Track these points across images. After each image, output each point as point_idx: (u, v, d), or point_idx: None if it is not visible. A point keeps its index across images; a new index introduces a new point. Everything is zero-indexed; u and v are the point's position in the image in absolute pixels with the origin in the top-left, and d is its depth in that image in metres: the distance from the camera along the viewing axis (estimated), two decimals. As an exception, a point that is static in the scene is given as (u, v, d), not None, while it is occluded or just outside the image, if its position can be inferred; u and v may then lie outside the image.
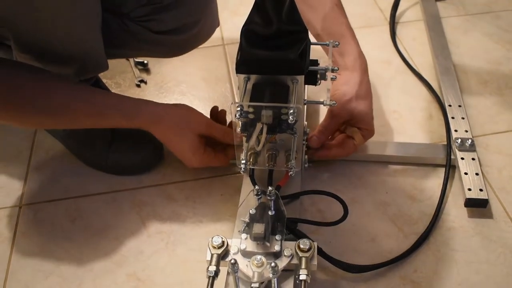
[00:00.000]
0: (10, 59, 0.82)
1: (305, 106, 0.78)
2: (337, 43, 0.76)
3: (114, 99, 0.82)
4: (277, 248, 0.68)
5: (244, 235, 0.70)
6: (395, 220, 0.85)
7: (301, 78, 0.70)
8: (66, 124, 0.85)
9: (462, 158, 0.90)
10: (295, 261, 0.68)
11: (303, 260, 0.67)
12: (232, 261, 0.64)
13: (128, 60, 1.19)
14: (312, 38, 0.76)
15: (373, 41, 1.21)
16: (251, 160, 0.77)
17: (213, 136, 0.87)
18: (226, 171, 0.93)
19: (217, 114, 0.92)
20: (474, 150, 0.91)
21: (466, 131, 0.95)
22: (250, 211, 0.70)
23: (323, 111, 1.03)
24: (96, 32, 0.83)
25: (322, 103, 0.76)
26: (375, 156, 0.93)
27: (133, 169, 0.94)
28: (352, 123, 0.87)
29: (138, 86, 1.13)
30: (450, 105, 1.01)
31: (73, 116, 0.79)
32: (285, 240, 0.70)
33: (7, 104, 0.73)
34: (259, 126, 0.70)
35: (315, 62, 0.75)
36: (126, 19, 0.87)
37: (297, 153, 0.77)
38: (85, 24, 0.80)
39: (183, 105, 0.87)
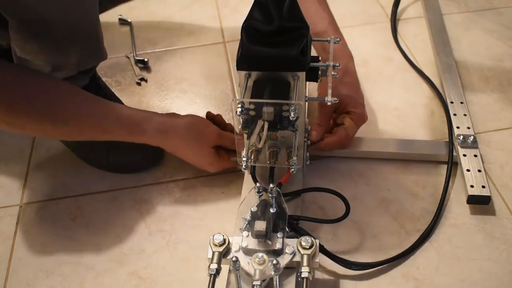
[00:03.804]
0: (16, 64, 0.82)
1: (307, 103, 0.78)
2: (338, 39, 0.76)
3: (118, 115, 0.81)
4: (278, 245, 0.68)
5: (245, 233, 0.70)
6: (397, 217, 0.84)
7: (302, 75, 0.70)
8: (70, 136, 0.85)
9: (464, 155, 0.89)
10: (297, 258, 0.68)
11: (305, 257, 0.67)
12: (234, 259, 0.64)
13: (129, 58, 1.18)
14: (313, 35, 0.76)
15: (374, 38, 1.21)
16: (252, 158, 0.76)
17: (223, 145, 0.87)
18: (227, 169, 0.92)
19: (214, 118, 0.91)
20: (476, 147, 0.91)
21: (468, 128, 0.94)
22: (252, 208, 0.70)
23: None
24: (95, 8, 0.83)
25: (323, 99, 0.76)
26: (377, 153, 0.93)
27: (134, 167, 0.93)
28: (341, 109, 0.87)
29: (139, 84, 1.13)
30: (452, 102, 1.00)
31: (78, 128, 0.79)
32: (287, 237, 0.70)
33: (13, 110, 0.72)
34: (260, 123, 0.70)
35: (316, 59, 0.75)
36: None
37: (298, 150, 0.77)
38: None
39: (190, 115, 0.87)
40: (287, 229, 0.72)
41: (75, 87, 0.81)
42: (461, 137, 0.91)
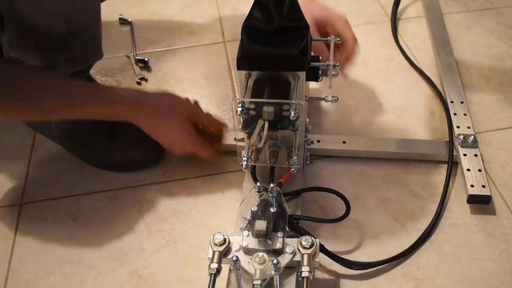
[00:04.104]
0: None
1: (307, 102, 0.78)
2: (338, 39, 0.76)
3: (92, 87, 0.83)
4: (279, 245, 0.68)
5: (246, 232, 0.70)
6: (398, 217, 0.84)
7: (302, 74, 0.70)
8: (43, 115, 0.81)
9: (465, 155, 0.89)
10: (297, 258, 0.68)
11: (305, 257, 0.67)
12: (234, 258, 0.64)
13: (129, 57, 1.18)
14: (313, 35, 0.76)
15: (374, 38, 1.21)
16: (252, 157, 0.77)
17: (198, 122, 0.85)
18: (227, 168, 0.92)
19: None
20: (477, 147, 0.91)
21: (469, 128, 0.94)
22: (252, 208, 0.70)
23: (326, 108, 1.03)
24: (97, 8, 0.84)
25: (324, 99, 0.76)
26: (377, 153, 0.93)
27: (136, 164, 0.93)
28: (322, 27, 0.87)
29: (139, 83, 1.13)
30: (452, 102, 1.00)
31: (50, 106, 0.77)
32: (287, 237, 0.70)
33: None
34: (260, 122, 0.70)
35: (317, 59, 0.75)
36: None
37: (298, 150, 0.77)
38: None
39: (165, 91, 0.88)
40: (287, 229, 0.72)
41: (50, 73, 0.81)
42: (461, 136, 0.91)
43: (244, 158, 0.75)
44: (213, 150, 0.87)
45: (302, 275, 0.66)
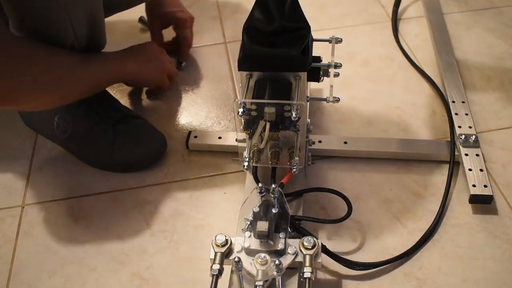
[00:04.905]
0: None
1: (308, 103, 0.78)
2: (340, 39, 0.76)
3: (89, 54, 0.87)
4: (281, 246, 0.68)
5: (247, 233, 0.70)
6: (399, 217, 0.84)
7: (303, 75, 0.70)
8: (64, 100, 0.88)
9: (466, 154, 0.89)
10: (299, 259, 0.68)
11: (307, 257, 0.67)
12: (236, 259, 0.64)
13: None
14: (314, 35, 0.76)
15: (375, 38, 1.21)
16: (254, 158, 0.77)
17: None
18: (228, 169, 0.92)
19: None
20: (478, 146, 0.90)
21: (470, 127, 0.94)
22: (254, 209, 0.70)
23: (327, 109, 1.03)
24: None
25: (325, 99, 0.76)
26: (379, 153, 0.93)
27: (137, 165, 0.93)
28: (168, 23, 1.14)
29: (140, 84, 1.13)
30: (453, 101, 1.00)
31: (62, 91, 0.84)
32: (289, 238, 0.70)
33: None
34: (262, 123, 0.70)
35: (318, 59, 0.75)
36: None
37: (300, 151, 0.77)
38: None
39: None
40: (289, 229, 0.72)
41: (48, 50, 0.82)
42: (463, 136, 0.91)
43: (245, 159, 0.75)
44: (177, 71, 1.12)
45: (304, 276, 0.66)
